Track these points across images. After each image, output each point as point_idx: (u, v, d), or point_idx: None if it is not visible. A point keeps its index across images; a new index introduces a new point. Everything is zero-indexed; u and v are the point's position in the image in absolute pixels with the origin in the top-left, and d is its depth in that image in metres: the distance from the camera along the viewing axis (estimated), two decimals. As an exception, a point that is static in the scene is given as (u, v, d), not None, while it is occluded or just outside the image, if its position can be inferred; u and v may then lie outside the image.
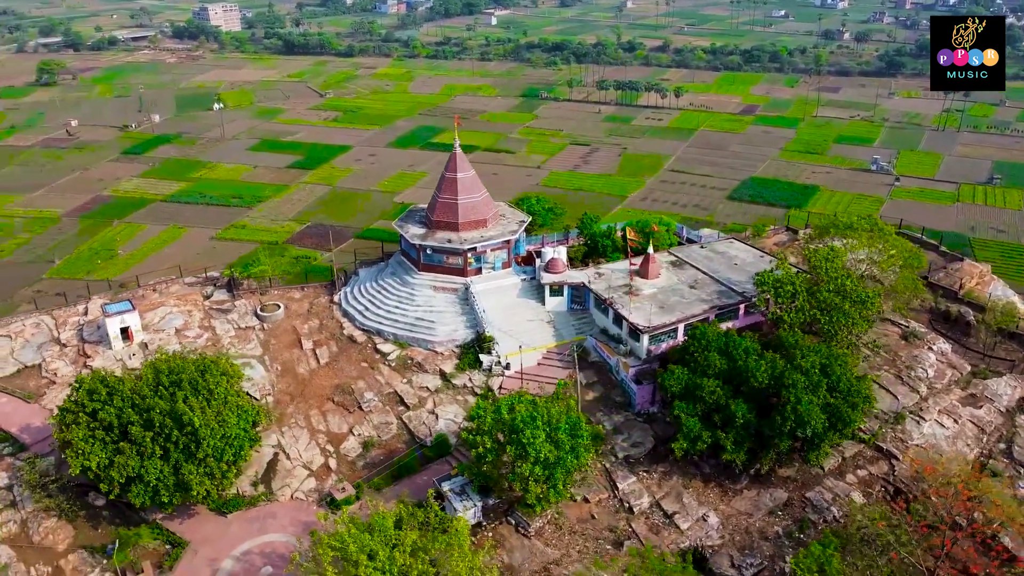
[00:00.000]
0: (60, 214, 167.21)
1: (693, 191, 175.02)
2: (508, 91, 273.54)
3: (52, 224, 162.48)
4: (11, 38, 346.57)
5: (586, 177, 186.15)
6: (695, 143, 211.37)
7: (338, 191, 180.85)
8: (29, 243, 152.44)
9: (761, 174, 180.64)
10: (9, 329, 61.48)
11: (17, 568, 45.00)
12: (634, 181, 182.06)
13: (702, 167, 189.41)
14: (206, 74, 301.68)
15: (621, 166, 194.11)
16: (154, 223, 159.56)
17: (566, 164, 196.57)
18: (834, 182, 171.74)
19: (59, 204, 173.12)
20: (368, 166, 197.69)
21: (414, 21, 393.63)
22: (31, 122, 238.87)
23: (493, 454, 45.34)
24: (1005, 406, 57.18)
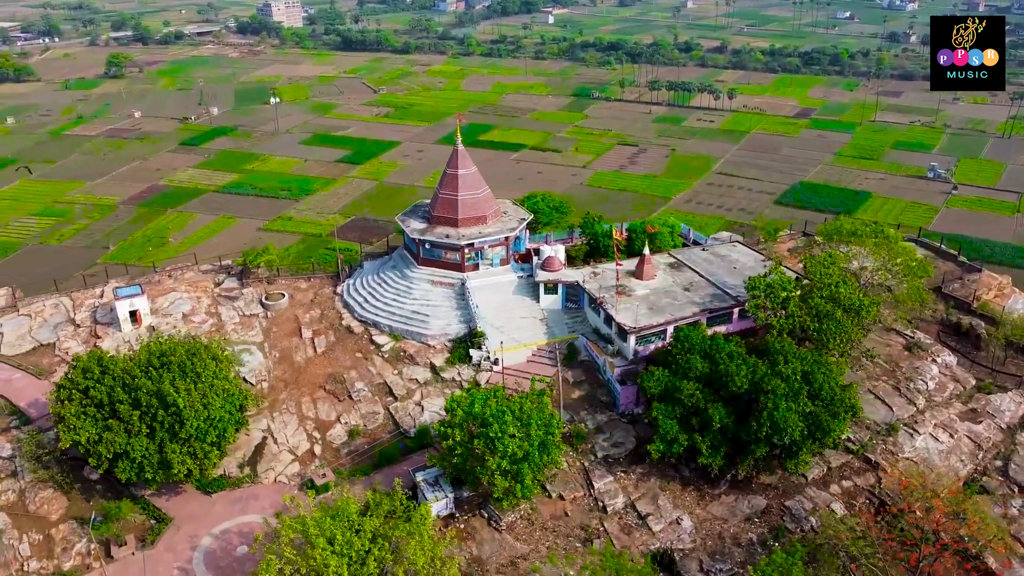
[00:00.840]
0: (118, 202, 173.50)
1: (740, 195, 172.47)
2: (560, 90, 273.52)
3: (110, 211, 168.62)
4: (85, 32, 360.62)
5: (632, 178, 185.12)
6: (746, 146, 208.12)
7: (384, 186, 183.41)
8: (87, 229, 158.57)
9: (811, 179, 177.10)
10: (30, 309, 64.62)
11: (11, 534, 47.47)
12: (680, 183, 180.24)
13: (751, 170, 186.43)
14: (265, 69, 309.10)
15: (668, 167, 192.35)
16: (205, 213, 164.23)
17: (612, 164, 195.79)
18: (887, 189, 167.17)
19: (118, 192, 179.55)
20: (415, 162, 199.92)
21: (471, 19, 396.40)
22: (98, 113, 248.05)
23: (463, 447, 46.01)
24: (1007, 423, 55.46)
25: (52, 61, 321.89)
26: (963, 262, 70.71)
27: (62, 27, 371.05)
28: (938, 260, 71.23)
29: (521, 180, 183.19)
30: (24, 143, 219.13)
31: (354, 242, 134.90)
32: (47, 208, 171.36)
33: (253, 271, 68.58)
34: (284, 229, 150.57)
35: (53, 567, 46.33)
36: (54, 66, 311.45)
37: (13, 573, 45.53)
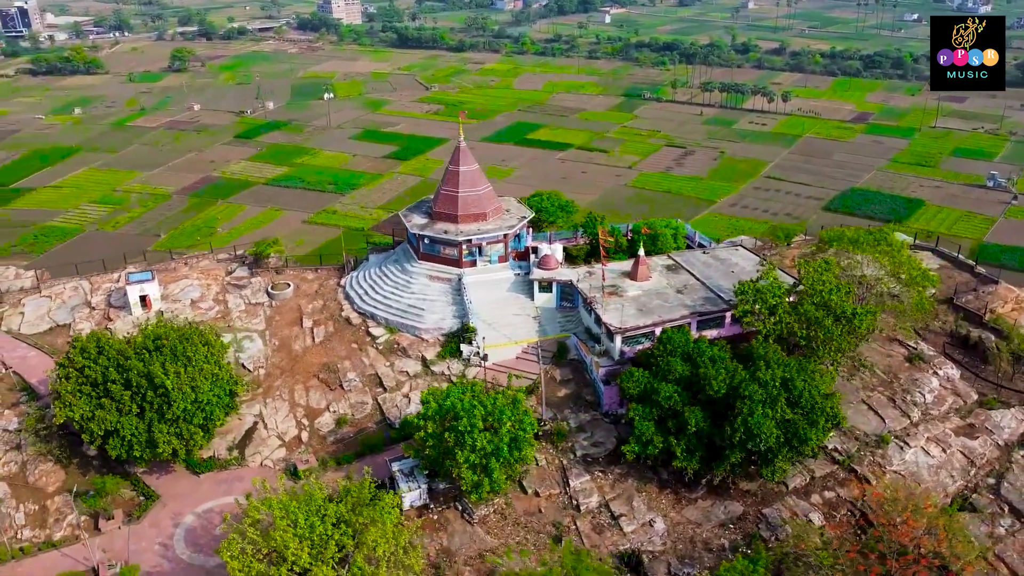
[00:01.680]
0: (172, 192, 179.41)
1: (787, 199, 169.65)
2: (611, 90, 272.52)
3: (164, 201, 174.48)
4: (153, 27, 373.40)
5: (677, 179, 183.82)
6: (798, 150, 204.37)
7: (429, 182, 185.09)
8: (140, 217, 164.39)
9: (863, 185, 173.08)
10: (52, 291, 67.75)
11: (9, 504, 50.06)
12: (727, 186, 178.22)
13: (801, 175, 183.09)
14: (322, 65, 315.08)
15: (715, 170, 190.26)
16: (254, 204, 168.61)
17: (658, 165, 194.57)
18: (943, 197, 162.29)
19: (172, 182, 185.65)
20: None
21: (528, 18, 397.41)
22: (160, 105, 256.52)
23: (435, 439, 46.80)
24: (1005, 439, 53.78)
25: (121, 54, 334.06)
26: (980, 273, 68.53)
27: (132, 22, 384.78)
28: (954, 270, 69.22)
29: (564, 179, 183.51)
30: (89, 133, 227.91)
31: (389, 236, 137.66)
32: (106, 196, 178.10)
33: (264, 261, 70.58)
34: (328, 222, 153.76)
35: (44, 536, 48.73)
36: (122, 59, 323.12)
37: (5, 540, 47.96)
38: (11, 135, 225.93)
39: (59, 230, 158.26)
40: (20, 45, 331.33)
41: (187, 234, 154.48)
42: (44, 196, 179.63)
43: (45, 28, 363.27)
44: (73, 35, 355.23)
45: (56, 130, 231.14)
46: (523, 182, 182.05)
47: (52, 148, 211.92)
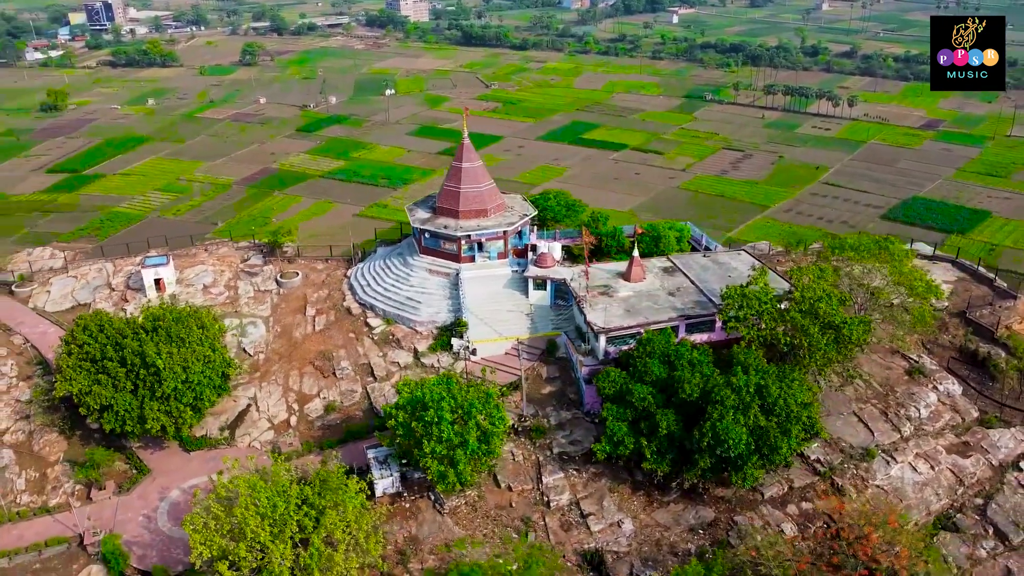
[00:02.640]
0: (232, 182, 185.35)
1: (845, 207, 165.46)
2: (672, 91, 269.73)
3: (224, 191, 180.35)
4: (228, 22, 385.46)
5: (731, 183, 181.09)
6: (861, 156, 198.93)
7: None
8: (200, 205, 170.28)
9: (927, 194, 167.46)
10: (78, 272, 71.31)
11: (12, 470, 53.11)
12: (783, 191, 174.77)
13: (862, 182, 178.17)
14: (387, 61, 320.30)
15: (772, 174, 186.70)
16: (308, 196, 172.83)
17: (714, 169, 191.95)
18: (1011, 209, 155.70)
19: (233, 173, 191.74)
20: (515, 157, 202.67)
21: (594, 17, 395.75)
22: (228, 98, 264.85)
23: (404, 428, 47.73)
24: (999, 460, 51.85)
25: (196, 48, 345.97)
26: (998, 287, 65.91)
27: (209, 17, 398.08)
28: (972, 283, 66.79)
29: (616, 180, 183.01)
30: (160, 123, 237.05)
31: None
32: (171, 184, 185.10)
33: (280, 250, 72.79)
34: (378, 216, 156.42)
35: (41, 502, 51.56)
36: (196, 53, 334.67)
37: (3, 504, 50.93)
38: (89, 124, 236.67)
39: (124, 216, 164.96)
40: (103, 38, 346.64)
41: (243, 224, 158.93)
42: (113, 183, 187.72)
43: (127, 22, 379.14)
44: (153, 29, 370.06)
45: (130, 120, 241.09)
46: (574, 182, 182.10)
47: (125, 137, 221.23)
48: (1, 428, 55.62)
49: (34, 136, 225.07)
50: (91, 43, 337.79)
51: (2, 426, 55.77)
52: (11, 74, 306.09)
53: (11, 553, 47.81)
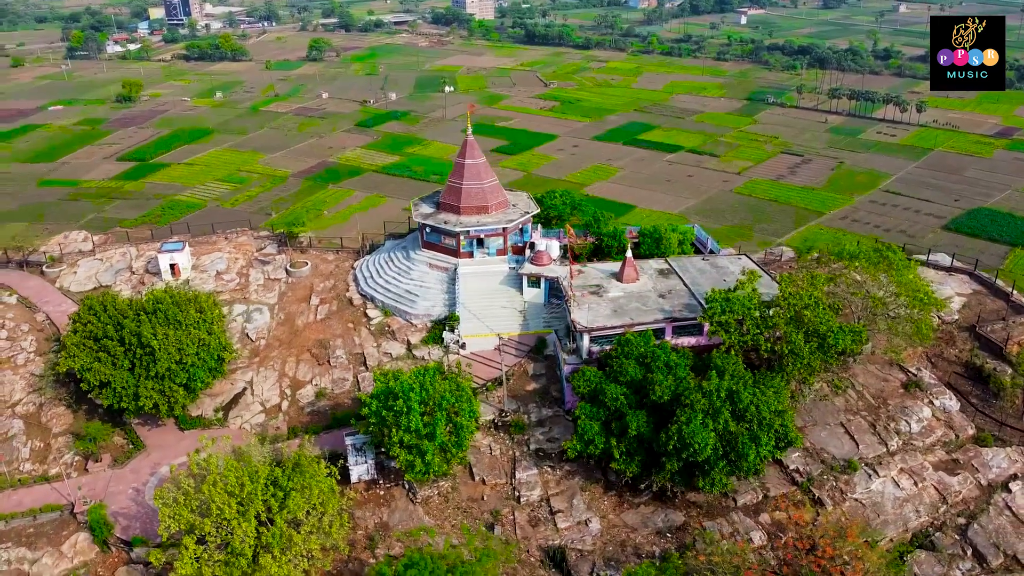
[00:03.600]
0: (289, 174, 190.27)
1: (904, 216, 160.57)
2: (734, 92, 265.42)
3: (280, 183, 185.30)
4: (298, 18, 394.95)
5: (787, 188, 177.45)
6: (926, 164, 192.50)
7: (531, 177, 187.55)
8: (257, 196, 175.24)
9: (994, 205, 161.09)
10: (105, 255, 74.75)
11: (20, 439, 56.20)
12: (840, 198, 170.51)
13: (925, 191, 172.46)
14: (449, 59, 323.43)
15: (831, 180, 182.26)
16: (361, 190, 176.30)
17: (770, 173, 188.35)
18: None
19: (291, 165, 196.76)
20: (568, 156, 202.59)
21: (660, 17, 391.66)
22: (293, 92, 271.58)
23: (376, 416, 48.78)
24: (989, 479, 50.06)
25: (266, 43, 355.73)
26: (1015, 302, 63.27)
27: (280, 13, 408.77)
28: (987, 297, 64.33)
29: (668, 182, 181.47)
30: (226, 116, 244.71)
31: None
32: (231, 175, 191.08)
33: (296, 240, 74.89)
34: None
35: (42, 471, 54.42)
36: (266, 48, 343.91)
37: (7, 471, 53.99)
38: (160, 115, 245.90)
39: (184, 204, 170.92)
40: (179, 33, 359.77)
41: (296, 215, 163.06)
42: (177, 172, 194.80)
43: (203, 17, 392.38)
44: (226, 24, 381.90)
45: (198, 112, 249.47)
46: (625, 182, 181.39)
47: (191, 128, 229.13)
48: (14, 399, 58.85)
49: (108, 125, 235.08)
50: (168, 37, 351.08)
51: (16, 397, 59.01)
52: (92, 66, 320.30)
53: (8, 517, 50.68)
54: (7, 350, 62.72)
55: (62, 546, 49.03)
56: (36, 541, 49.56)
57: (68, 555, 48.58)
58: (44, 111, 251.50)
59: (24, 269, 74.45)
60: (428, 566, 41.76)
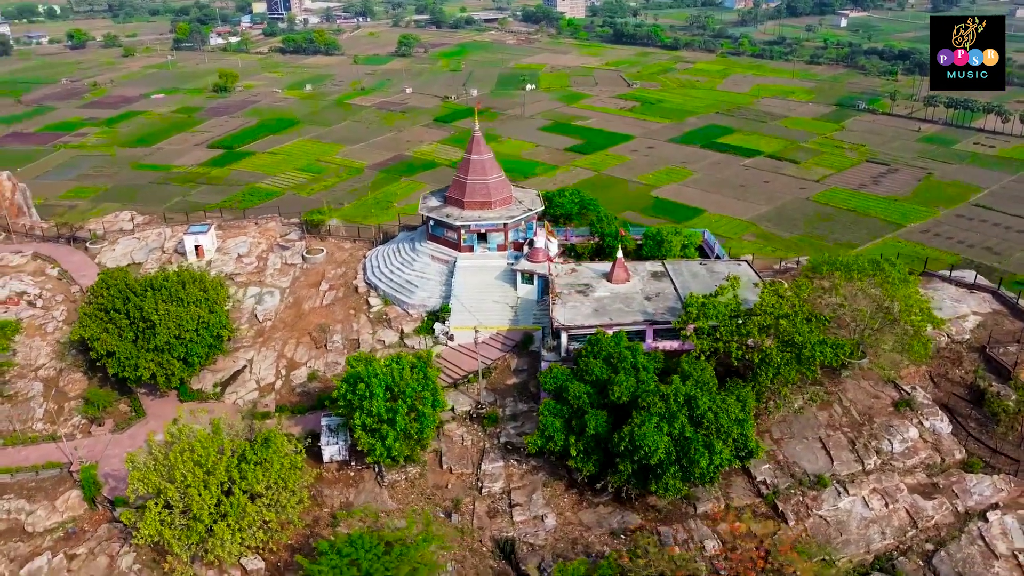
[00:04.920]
0: (365, 166, 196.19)
1: (992, 232, 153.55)
2: (823, 97, 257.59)
3: (356, 174, 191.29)
4: (392, 14, 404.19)
5: (868, 198, 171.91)
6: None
7: (601, 176, 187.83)
8: (333, 186, 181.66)
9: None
10: (142, 234, 79.34)
11: (37, 400, 60.56)
12: (924, 211, 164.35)
13: (1019, 206, 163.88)
14: (534, 57, 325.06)
15: (917, 192, 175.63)
16: (432, 183, 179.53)
17: (852, 182, 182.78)
18: None
19: (368, 158, 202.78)
20: (641, 157, 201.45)
21: (755, 18, 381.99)
22: (378, 86, 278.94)
23: (343, 400, 50.43)
24: (967, 507, 47.76)
25: (358, 38, 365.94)
26: (1036, 324, 59.65)
27: (375, 9, 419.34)
28: (1008, 317, 60.87)
29: (742, 187, 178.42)
30: (312, 108, 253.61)
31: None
32: (310, 165, 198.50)
33: (320, 227, 77.65)
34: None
35: (51, 431, 58.54)
36: (358, 43, 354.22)
37: (20, 428, 58.34)
38: (251, 105, 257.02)
39: (264, 192, 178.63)
40: (278, 26, 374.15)
41: (368, 205, 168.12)
42: (261, 160, 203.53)
43: (302, 12, 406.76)
44: (324, 19, 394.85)
45: (287, 103, 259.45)
46: (697, 186, 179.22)
47: (279, 119, 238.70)
48: (38, 364, 63.38)
49: (203, 114, 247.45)
50: (267, 31, 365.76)
51: (39, 362, 63.54)
52: (195, 57, 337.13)
53: (14, 470, 54.85)
54: (40, 318, 67.56)
55: (56, 501, 52.72)
56: (35, 495, 53.47)
57: (60, 510, 52.20)
58: (147, 99, 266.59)
59: (71, 244, 79.77)
60: (366, 544, 43.15)
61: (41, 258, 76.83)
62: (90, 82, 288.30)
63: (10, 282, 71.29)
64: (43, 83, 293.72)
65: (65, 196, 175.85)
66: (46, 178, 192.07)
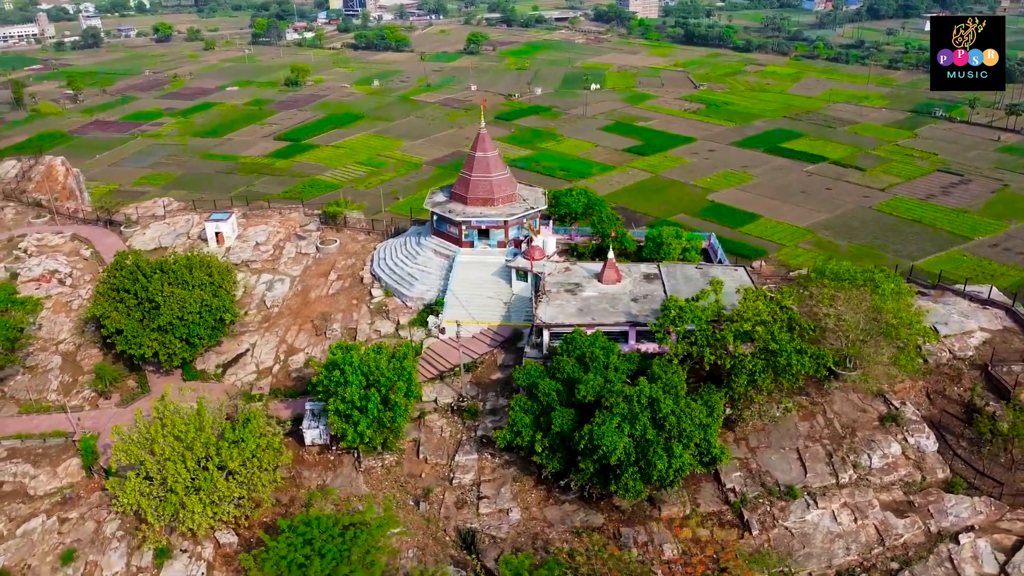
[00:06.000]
0: (423, 161, 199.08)
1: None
2: (898, 103, 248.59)
3: (414, 169, 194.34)
4: (464, 12, 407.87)
5: (936, 209, 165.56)
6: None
7: (658, 179, 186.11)
8: (390, 180, 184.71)
9: None
10: (172, 220, 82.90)
11: (54, 372, 64.17)
12: (993, 224, 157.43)
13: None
14: (602, 56, 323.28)
15: (989, 204, 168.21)
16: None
17: (920, 191, 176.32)
18: None
19: (426, 153, 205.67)
20: (701, 160, 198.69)
21: (834, 20, 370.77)
22: (444, 83, 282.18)
23: (322, 385, 51.91)
24: (941, 527, 46.20)
25: (429, 36, 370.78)
26: (1045, 343, 56.86)
27: (448, 6, 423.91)
28: (1017, 335, 58.21)
29: (803, 194, 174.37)
30: (378, 103, 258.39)
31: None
32: (370, 159, 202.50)
33: (340, 218, 79.73)
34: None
35: (63, 402, 61.95)
36: (428, 40, 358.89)
37: (34, 398, 61.91)
38: (320, 99, 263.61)
39: (323, 184, 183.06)
40: (352, 23, 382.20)
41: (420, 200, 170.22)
42: (324, 153, 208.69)
43: (376, 9, 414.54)
44: (397, 16, 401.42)
45: (354, 98, 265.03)
46: (755, 191, 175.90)
47: (345, 113, 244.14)
48: (59, 338, 67.14)
49: (273, 107, 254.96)
50: (342, 27, 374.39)
51: (61, 337, 67.32)
52: (271, 51, 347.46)
53: (25, 436, 58.32)
54: (67, 295, 71.51)
55: (58, 468, 55.89)
56: (40, 461, 56.76)
57: (60, 476, 55.32)
58: (222, 91, 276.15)
59: (108, 228, 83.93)
60: (322, 524, 44.52)
61: (79, 239, 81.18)
62: (171, 74, 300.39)
63: (45, 261, 75.59)
64: (128, 74, 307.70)
65: (137, 183, 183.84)
66: (122, 165, 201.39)
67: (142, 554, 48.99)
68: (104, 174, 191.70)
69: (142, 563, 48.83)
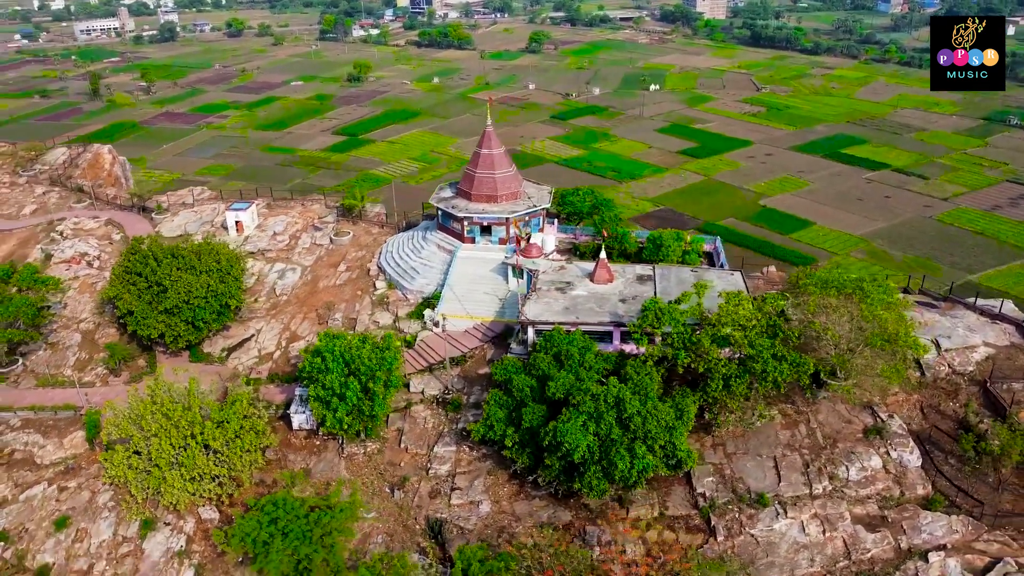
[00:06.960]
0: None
1: None
2: (971, 110, 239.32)
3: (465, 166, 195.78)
4: (529, 11, 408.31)
5: (1000, 221, 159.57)
6: None
7: (711, 182, 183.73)
8: (441, 177, 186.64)
9: None
10: (200, 208, 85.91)
11: (73, 349, 67.45)
12: None
13: None
14: (664, 57, 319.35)
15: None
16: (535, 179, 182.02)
17: (985, 202, 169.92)
18: None
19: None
20: (756, 164, 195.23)
21: (909, 23, 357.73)
22: (503, 81, 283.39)
23: (306, 371, 53.34)
24: (912, 544, 45.08)
25: (492, 34, 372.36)
26: (1052, 359, 54.42)
27: (513, 5, 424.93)
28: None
29: (860, 201, 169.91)
30: (436, 100, 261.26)
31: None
32: (423, 155, 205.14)
33: (357, 211, 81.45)
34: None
35: (78, 377, 65.04)
36: (491, 38, 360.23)
37: (51, 373, 65.20)
38: (380, 95, 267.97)
39: (375, 178, 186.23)
40: (418, 20, 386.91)
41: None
42: (378, 148, 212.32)
43: (441, 6, 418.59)
44: (462, 14, 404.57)
45: (414, 95, 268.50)
46: (811, 197, 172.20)
47: (402, 109, 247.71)
48: (81, 317, 70.47)
49: (334, 102, 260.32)
50: (407, 25, 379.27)
51: (82, 316, 70.64)
52: (336, 47, 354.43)
53: (38, 408, 61.50)
54: (93, 277, 74.94)
55: (64, 439, 58.76)
56: (49, 432, 59.77)
57: (66, 447, 58.17)
58: (287, 86, 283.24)
59: (141, 214, 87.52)
60: (288, 506, 45.94)
61: (112, 224, 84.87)
62: (239, 68, 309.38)
63: (78, 243, 79.33)
64: (199, 68, 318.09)
65: (199, 173, 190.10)
66: (187, 156, 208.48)
67: (128, 525, 51.36)
68: (169, 163, 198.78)
69: (128, 533, 51.21)
